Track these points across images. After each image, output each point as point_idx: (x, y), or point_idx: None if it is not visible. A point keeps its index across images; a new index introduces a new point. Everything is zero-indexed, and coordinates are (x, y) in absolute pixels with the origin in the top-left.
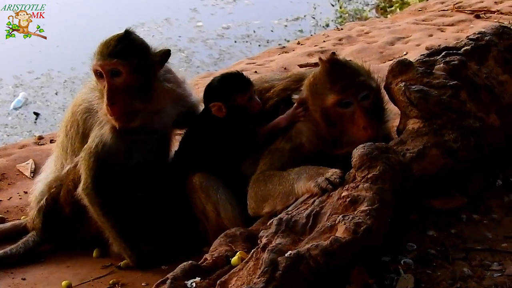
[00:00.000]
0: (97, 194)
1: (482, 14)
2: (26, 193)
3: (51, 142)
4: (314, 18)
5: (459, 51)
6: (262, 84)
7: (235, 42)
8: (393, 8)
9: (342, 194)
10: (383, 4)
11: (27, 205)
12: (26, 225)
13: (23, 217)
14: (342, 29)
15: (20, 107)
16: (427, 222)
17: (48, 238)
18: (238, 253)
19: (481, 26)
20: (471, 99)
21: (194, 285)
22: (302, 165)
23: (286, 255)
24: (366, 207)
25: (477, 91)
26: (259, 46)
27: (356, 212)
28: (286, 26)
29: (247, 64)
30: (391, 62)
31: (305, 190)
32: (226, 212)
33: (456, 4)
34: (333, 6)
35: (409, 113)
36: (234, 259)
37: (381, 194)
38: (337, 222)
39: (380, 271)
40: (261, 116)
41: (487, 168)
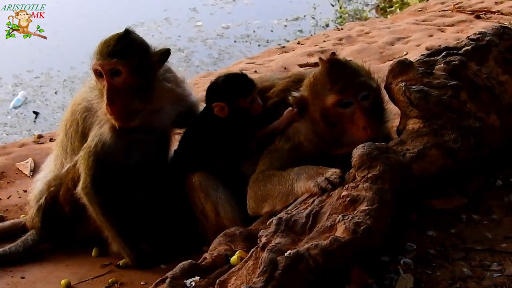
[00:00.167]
0: (96, 193)
1: (482, 14)
2: (25, 191)
3: (51, 141)
4: (314, 18)
5: (460, 52)
6: (262, 83)
7: (235, 42)
8: (393, 8)
9: (342, 194)
10: (383, 4)
11: (27, 203)
12: (25, 223)
13: (22, 215)
14: (342, 29)
15: (19, 106)
16: (427, 222)
17: (47, 237)
18: (238, 252)
19: (481, 26)
20: (471, 99)
21: (193, 284)
22: (302, 165)
23: (285, 255)
24: (366, 207)
25: (477, 92)
26: (259, 46)
27: (355, 212)
28: (286, 26)
29: (247, 64)
30: (391, 62)
31: (304, 189)
32: (226, 211)
33: (456, 4)
34: (333, 6)
35: (409, 113)
36: (233, 259)
37: (380, 194)
38: (336, 221)
39: (379, 271)
40: (261, 116)
41: (487, 168)
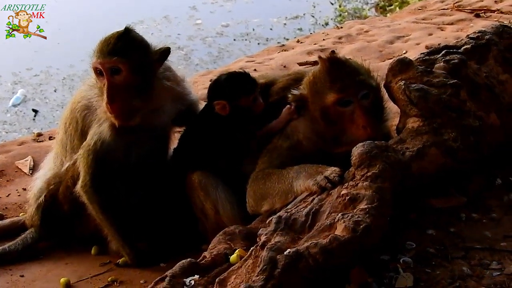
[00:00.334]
0: (95, 192)
1: (482, 13)
2: (24, 190)
3: (50, 139)
4: (313, 16)
5: (459, 50)
6: (264, 78)
7: (234, 40)
8: (392, 7)
9: (342, 193)
10: (383, 3)
11: (26, 202)
12: (25, 222)
13: (22, 214)
14: (341, 27)
15: (18, 104)
16: (427, 221)
17: (46, 235)
18: (237, 251)
19: (481, 25)
20: (471, 98)
21: (192, 282)
22: (301, 163)
23: (285, 253)
24: (366, 206)
25: (477, 90)
26: (258, 44)
27: (355, 210)
28: (286, 24)
29: (246, 62)
30: (391, 61)
31: (304, 188)
32: (225, 210)
33: (456, 3)
34: (332, 4)
35: (409, 111)
36: (233, 257)
37: (380, 192)
38: (336, 220)
39: (379, 270)
40: (261, 114)
41: (487, 167)
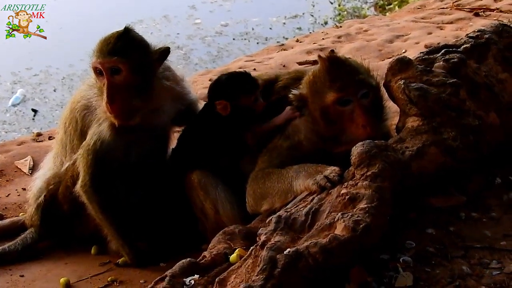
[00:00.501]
0: (95, 192)
1: (481, 12)
2: (24, 190)
3: (50, 139)
4: (312, 15)
5: (459, 49)
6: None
7: (234, 39)
8: (391, 6)
9: (341, 192)
10: (382, 2)
11: (25, 202)
12: (24, 222)
13: (21, 214)
14: (341, 26)
15: (18, 104)
16: (426, 220)
17: (46, 235)
18: (237, 250)
19: (480, 24)
20: (471, 98)
21: (192, 282)
22: (301, 162)
23: (285, 253)
24: (365, 205)
25: (476, 90)
26: (258, 43)
27: (355, 210)
28: (285, 23)
29: (246, 61)
30: (390, 60)
31: (303, 187)
32: (225, 209)
33: (455, 2)
34: (331, 3)
35: (408, 111)
36: (232, 257)
37: (380, 192)
38: (336, 220)
39: (379, 269)
40: (262, 113)
41: (486, 166)
